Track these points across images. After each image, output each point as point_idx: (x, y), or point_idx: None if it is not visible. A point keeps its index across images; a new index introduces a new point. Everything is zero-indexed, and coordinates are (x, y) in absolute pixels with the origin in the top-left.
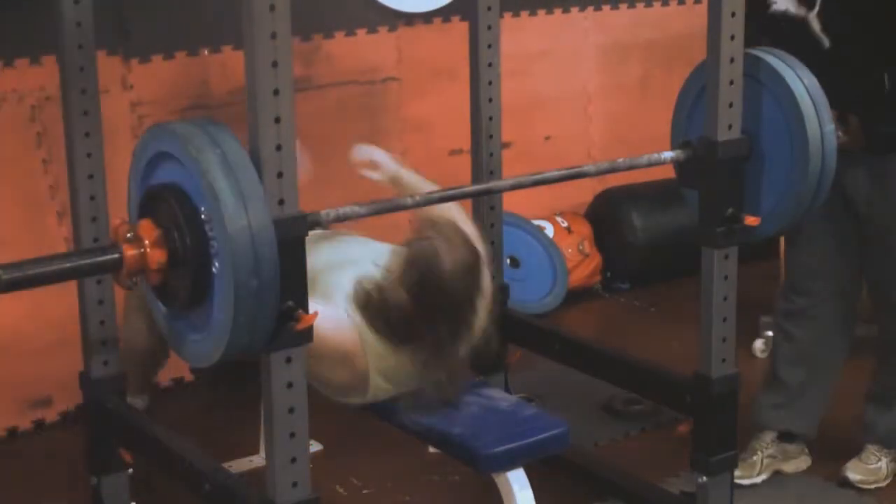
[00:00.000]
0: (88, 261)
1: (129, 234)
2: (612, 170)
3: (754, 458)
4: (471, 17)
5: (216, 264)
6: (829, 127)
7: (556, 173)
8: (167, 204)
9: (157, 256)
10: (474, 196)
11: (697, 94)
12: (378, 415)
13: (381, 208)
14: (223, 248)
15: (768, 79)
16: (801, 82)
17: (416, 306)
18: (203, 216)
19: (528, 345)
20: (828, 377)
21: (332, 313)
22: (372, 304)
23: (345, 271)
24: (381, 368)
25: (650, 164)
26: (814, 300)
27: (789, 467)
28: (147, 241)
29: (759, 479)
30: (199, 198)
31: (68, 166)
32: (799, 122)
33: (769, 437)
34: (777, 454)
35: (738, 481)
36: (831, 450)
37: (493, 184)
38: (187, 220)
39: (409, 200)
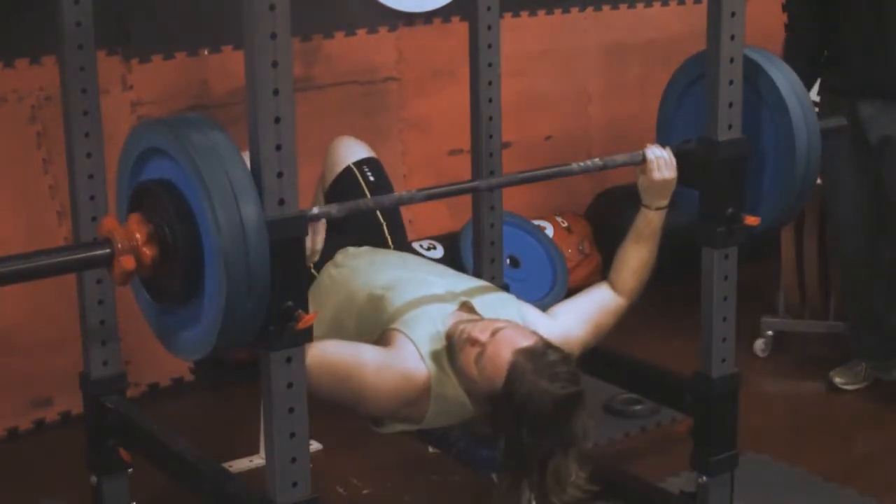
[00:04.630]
0: (79, 255)
1: (120, 229)
2: (603, 167)
3: (859, 368)
4: (471, 17)
5: (207, 260)
6: (815, 123)
7: (541, 172)
8: (159, 199)
9: (148, 251)
10: (457, 194)
11: (684, 89)
12: None
13: (387, 202)
14: (214, 244)
15: (754, 77)
16: (785, 80)
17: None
18: (194, 211)
19: None
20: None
21: (407, 357)
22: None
23: (423, 291)
24: (441, 412)
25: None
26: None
27: (889, 376)
28: (139, 236)
29: (862, 385)
30: (190, 193)
31: (68, 166)
32: (786, 120)
33: None
34: (880, 365)
35: (843, 387)
36: (831, 450)
37: (479, 182)
38: (179, 215)
39: (404, 195)
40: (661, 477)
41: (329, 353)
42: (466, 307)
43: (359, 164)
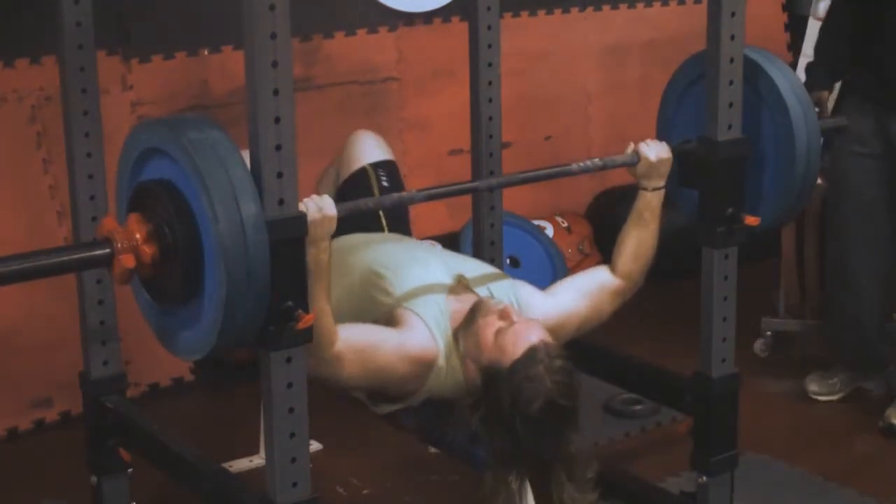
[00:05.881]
0: (79, 255)
1: (119, 229)
2: (603, 167)
3: (834, 380)
4: (471, 17)
5: (207, 259)
6: (815, 123)
7: (541, 172)
8: (158, 200)
9: (148, 250)
10: (457, 194)
11: (684, 89)
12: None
13: (387, 202)
14: (214, 244)
15: (754, 77)
16: (785, 79)
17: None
18: (194, 211)
19: None
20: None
21: (421, 335)
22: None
23: (422, 270)
24: (436, 389)
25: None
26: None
27: (870, 385)
28: (138, 236)
29: (836, 398)
30: (190, 193)
31: (68, 166)
32: (785, 120)
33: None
34: (857, 375)
35: (817, 397)
36: (831, 450)
37: (479, 182)
38: (179, 215)
39: (404, 195)
40: (661, 477)
41: (354, 339)
42: (462, 282)
43: (375, 166)
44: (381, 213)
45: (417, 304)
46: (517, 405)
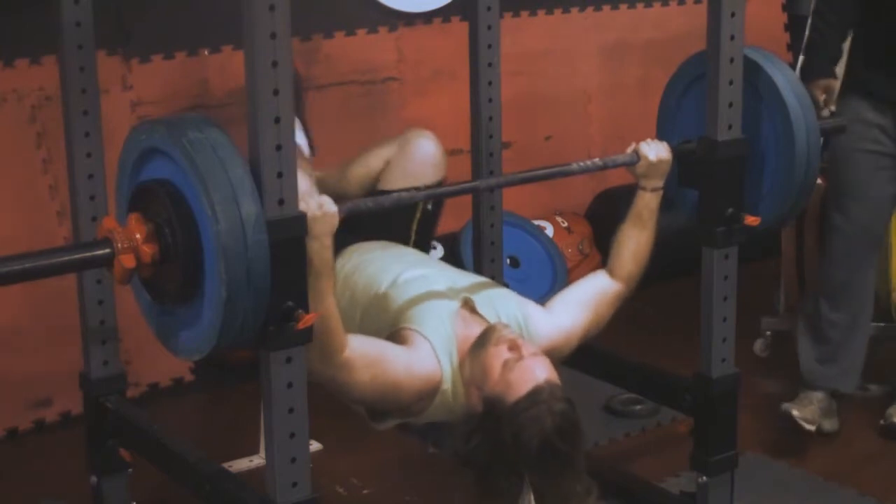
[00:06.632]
0: (79, 255)
1: (119, 229)
2: (603, 167)
3: (813, 406)
4: (471, 17)
5: (207, 259)
6: (815, 123)
7: (541, 171)
8: (158, 199)
9: (148, 249)
10: (457, 194)
11: (684, 89)
12: None
13: (387, 203)
14: (214, 244)
15: (754, 77)
16: (784, 79)
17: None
18: (194, 211)
19: None
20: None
21: (427, 357)
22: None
23: (427, 289)
24: (442, 412)
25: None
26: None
27: (827, 425)
28: (138, 235)
29: (813, 428)
30: (190, 193)
31: (68, 166)
32: (785, 120)
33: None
34: (826, 409)
35: (806, 426)
36: (831, 450)
37: (479, 182)
38: (178, 215)
39: (404, 195)
40: (661, 477)
41: (365, 349)
42: (468, 305)
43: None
44: (414, 224)
45: (423, 326)
46: (514, 442)
